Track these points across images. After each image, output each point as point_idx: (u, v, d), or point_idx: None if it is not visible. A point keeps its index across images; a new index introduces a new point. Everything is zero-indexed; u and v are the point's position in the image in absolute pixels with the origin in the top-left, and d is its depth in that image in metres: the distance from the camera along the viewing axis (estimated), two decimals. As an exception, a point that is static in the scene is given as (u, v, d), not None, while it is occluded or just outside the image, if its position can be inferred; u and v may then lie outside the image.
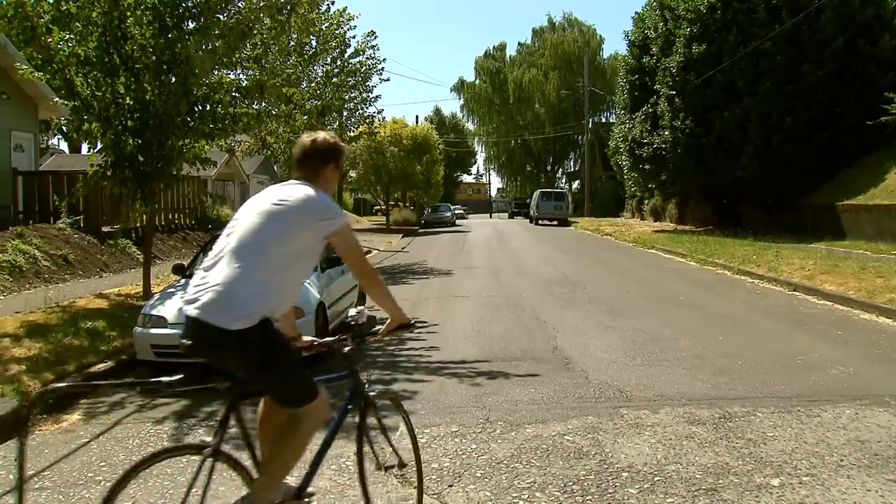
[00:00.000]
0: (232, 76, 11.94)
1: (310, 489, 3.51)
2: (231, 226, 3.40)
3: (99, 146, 11.78)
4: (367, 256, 3.53)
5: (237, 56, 11.46)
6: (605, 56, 74.27)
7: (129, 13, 10.34)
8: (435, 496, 4.43)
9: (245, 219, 3.36)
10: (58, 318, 9.90)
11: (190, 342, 3.19)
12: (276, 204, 3.36)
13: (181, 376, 3.25)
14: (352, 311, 3.96)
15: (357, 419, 3.71)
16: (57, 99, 11.38)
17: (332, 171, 3.61)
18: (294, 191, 3.41)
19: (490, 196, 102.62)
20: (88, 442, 5.79)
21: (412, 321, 3.73)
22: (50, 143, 44.54)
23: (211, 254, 3.36)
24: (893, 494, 4.24)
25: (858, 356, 7.84)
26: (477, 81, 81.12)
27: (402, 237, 37.10)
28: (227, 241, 3.33)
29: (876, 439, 5.15)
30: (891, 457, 4.82)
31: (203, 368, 3.52)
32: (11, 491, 3.79)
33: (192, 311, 3.16)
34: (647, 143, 29.36)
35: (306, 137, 3.61)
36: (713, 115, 25.43)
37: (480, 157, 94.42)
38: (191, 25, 10.94)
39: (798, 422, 5.58)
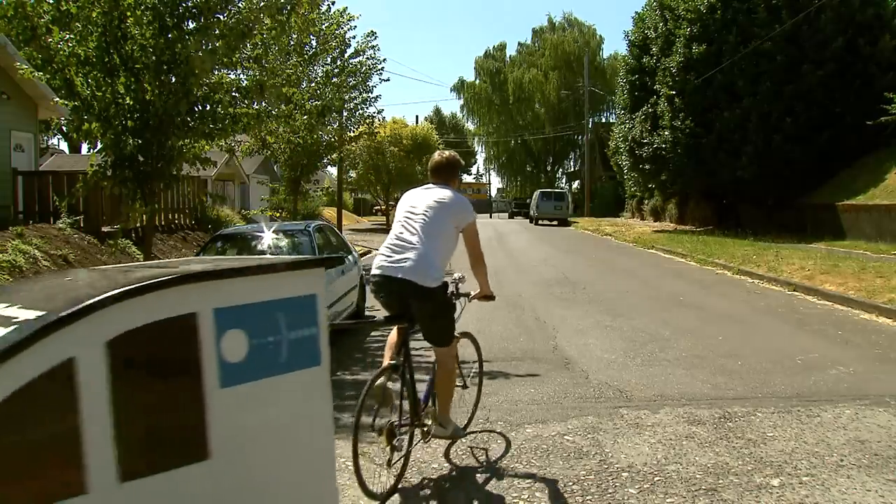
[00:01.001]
0: (232, 76, 11.92)
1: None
2: (404, 217, 4.78)
3: (99, 146, 11.76)
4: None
5: (237, 56, 11.44)
6: (605, 56, 74.28)
7: (129, 13, 10.33)
8: (434, 496, 4.43)
9: (420, 212, 4.72)
10: (58, 318, 9.88)
11: (391, 293, 4.64)
12: (438, 202, 4.76)
13: (384, 317, 4.80)
14: (457, 275, 5.13)
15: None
16: (57, 99, 11.37)
17: (457, 177, 5.17)
18: (446, 193, 4.84)
19: (490, 196, 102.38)
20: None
21: (495, 296, 5.25)
22: (50, 143, 44.52)
23: (391, 235, 4.77)
24: (893, 494, 4.24)
25: (858, 356, 7.84)
26: (477, 81, 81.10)
27: (402, 237, 37.07)
28: (404, 227, 4.72)
29: (876, 439, 5.16)
30: (891, 457, 4.82)
31: None
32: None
33: (397, 273, 4.53)
34: (647, 143, 29.35)
35: (438, 155, 5.16)
36: (713, 115, 25.43)
37: (480, 157, 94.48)
38: (191, 25, 10.92)
39: (798, 422, 5.58)
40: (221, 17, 11.03)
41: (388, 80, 49.85)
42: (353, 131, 23.91)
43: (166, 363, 2.84)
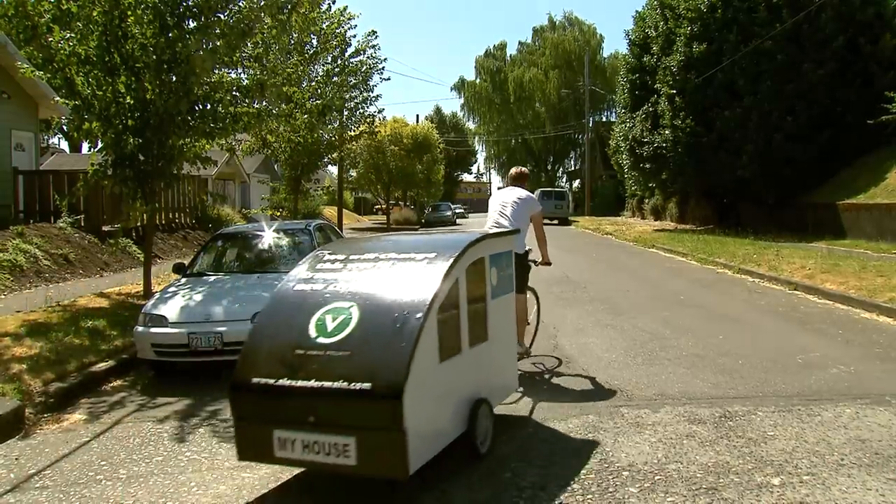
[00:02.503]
0: (232, 75, 11.92)
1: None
2: (497, 208, 7.52)
3: (99, 145, 11.78)
4: None
5: (238, 55, 11.45)
6: (605, 55, 74.18)
7: (129, 12, 10.34)
8: (436, 494, 4.44)
9: (509, 205, 7.46)
10: (58, 317, 9.90)
11: None
12: (520, 198, 7.54)
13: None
14: (528, 247, 7.55)
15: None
16: (57, 98, 11.38)
17: (527, 181, 8.08)
18: (524, 193, 7.67)
19: (490, 195, 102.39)
20: (89, 441, 5.80)
21: (551, 263, 8.09)
22: (50, 142, 44.51)
23: (491, 220, 7.48)
24: (894, 493, 4.24)
25: (859, 355, 7.84)
26: (477, 80, 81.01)
27: (403, 236, 37.02)
28: (500, 215, 7.42)
29: (876, 438, 5.16)
30: (891, 456, 4.82)
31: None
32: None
33: None
34: (648, 142, 29.31)
35: (516, 169, 8.20)
36: (714, 115, 25.40)
37: (481, 157, 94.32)
38: (191, 24, 10.93)
39: (798, 421, 5.58)
40: (222, 16, 11.04)
41: (388, 79, 50.07)
42: (354, 130, 23.91)
43: (478, 283, 5.22)
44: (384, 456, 4.17)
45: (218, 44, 10.84)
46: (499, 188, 49.23)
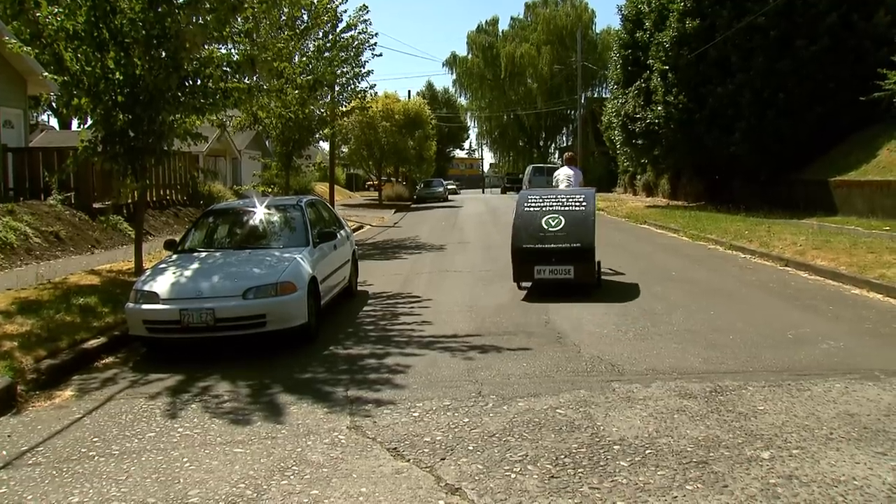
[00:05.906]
0: (223, 50, 11.82)
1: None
2: (564, 179, 12.99)
3: (89, 121, 11.69)
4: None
5: (228, 30, 11.33)
6: (597, 31, 74.01)
7: (118, -14, 10.22)
8: (427, 469, 4.46)
9: (571, 176, 12.96)
10: (50, 294, 9.87)
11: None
12: (575, 172, 13.11)
13: None
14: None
15: None
16: (46, 74, 11.26)
17: (577, 161, 14.27)
18: (575, 168, 13.31)
19: (482, 171, 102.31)
20: (81, 418, 5.81)
21: None
22: (40, 119, 44.17)
23: (562, 185, 12.90)
24: (882, 467, 4.28)
25: (849, 331, 7.89)
26: (469, 56, 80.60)
27: (395, 212, 37.06)
28: (567, 181, 12.89)
29: (865, 413, 5.20)
30: (879, 430, 4.87)
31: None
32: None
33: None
34: (640, 118, 29.22)
35: (567, 154, 14.70)
36: (706, 91, 25.30)
37: (473, 133, 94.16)
38: (180, -1, 10.82)
39: (788, 395, 5.62)
40: (212, -9, 10.89)
41: (380, 55, 49.09)
42: (345, 106, 23.76)
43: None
44: (586, 274, 10.24)
45: (208, 18, 10.73)
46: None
